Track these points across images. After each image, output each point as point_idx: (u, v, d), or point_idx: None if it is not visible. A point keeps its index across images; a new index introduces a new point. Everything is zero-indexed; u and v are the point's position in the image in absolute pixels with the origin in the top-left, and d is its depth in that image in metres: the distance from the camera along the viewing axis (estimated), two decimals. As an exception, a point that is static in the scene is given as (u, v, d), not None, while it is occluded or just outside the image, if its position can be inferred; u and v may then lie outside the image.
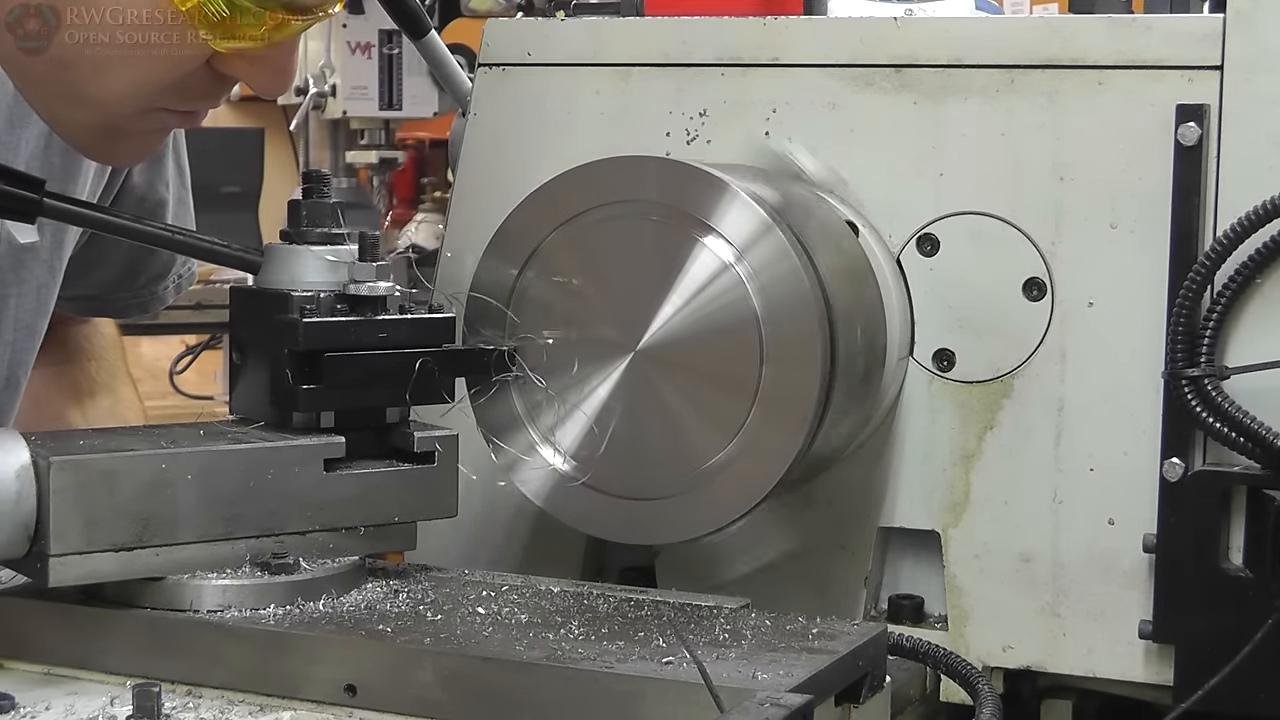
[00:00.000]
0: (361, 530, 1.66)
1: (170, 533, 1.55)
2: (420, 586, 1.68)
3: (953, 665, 1.71)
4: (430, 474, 1.69)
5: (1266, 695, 1.69)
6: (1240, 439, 1.70)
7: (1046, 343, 1.82)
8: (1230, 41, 1.74)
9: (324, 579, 1.61)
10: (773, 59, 1.91)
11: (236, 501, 1.59)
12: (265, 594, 1.57)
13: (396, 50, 4.83)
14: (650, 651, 1.48)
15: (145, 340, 5.11)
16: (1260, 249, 1.71)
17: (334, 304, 1.66)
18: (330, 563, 1.63)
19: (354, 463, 1.66)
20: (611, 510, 1.72)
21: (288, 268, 1.68)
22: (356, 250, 1.68)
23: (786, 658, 1.48)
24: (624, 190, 1.69)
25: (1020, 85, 1.82)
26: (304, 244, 1.69)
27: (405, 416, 1.71)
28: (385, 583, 1.68)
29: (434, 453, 1.69)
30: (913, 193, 1.86)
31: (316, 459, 1.63)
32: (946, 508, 1.86)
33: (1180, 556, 1.74)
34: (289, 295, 1.66)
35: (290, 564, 1.59)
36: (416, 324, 1.68)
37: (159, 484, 1.55)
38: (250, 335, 1.71)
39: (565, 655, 1.47)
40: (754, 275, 1.64)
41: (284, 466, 1.61)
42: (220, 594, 1.56)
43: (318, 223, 1.70)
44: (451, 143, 2.07)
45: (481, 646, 1.49)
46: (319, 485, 1.63)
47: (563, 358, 1.72)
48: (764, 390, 1.64)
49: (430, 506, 1.71)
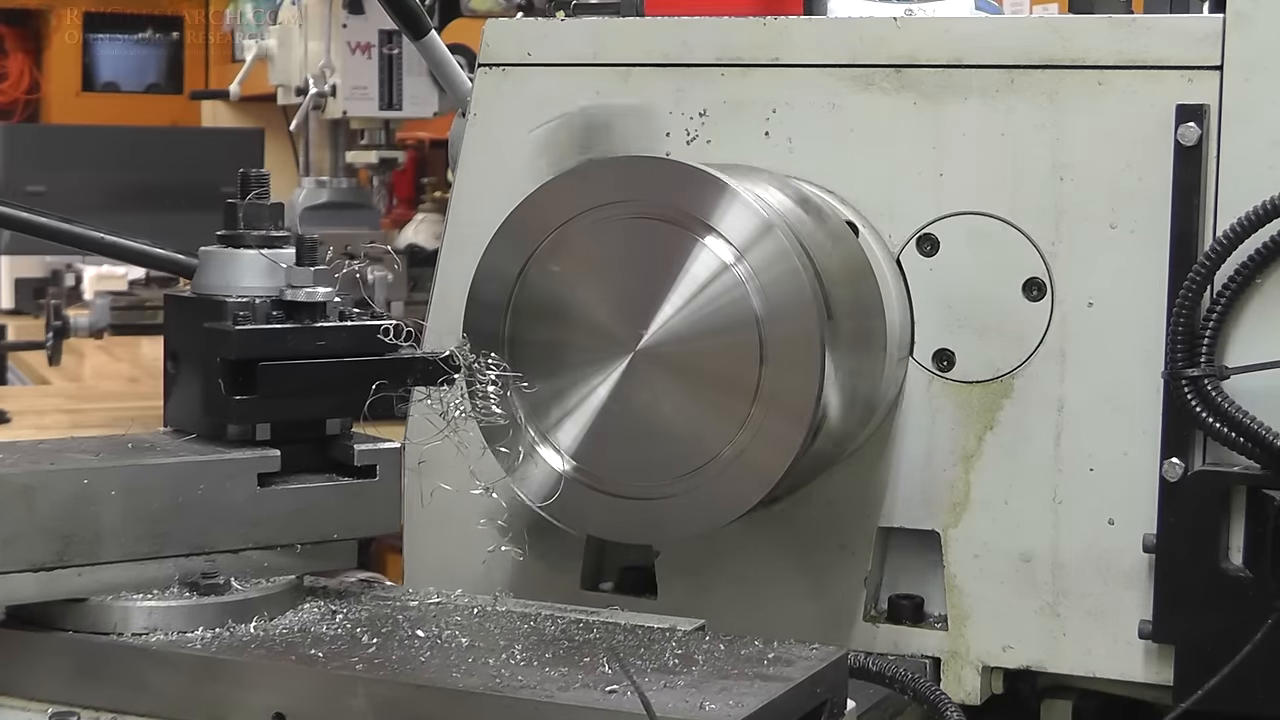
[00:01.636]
0: (298, 548, 1.60)
1: (93, 552, 1.49)
2: (359, 607, 1.61)
3: (920, 691, 1.67)
4: (371, 489, 1.63)
5: (1266, 695, 1.69)
6: (1240, 439, 1.70)
7: (1046, 343, 1.82)
8: (1230, 41, 1.74)
9: (257, 600, 1.55)
10: (773, 59, 1.91)
11: (164, 518, 1.53)
12: (194, 616, 1.51)
13: (396, 50, 4.82)
14: (595, 679, 1.42)
15: (145, 340, 5.13)
16: (1260, 249, 1.71)
17: (270, 311, 1.60)
18: (265, 582, 1.58)
19: (291, 477, 1.60)
20: (611, 510, 1.72)
21: (223, 273, 1.62)
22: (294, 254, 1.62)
23: (739, 685, 1.41)
24: (624, 190, 1.69)
25: (1020, 85, 1.82)
26: (241, 248, 1.62)
27: (347, 428, 1.65)
28: (323, 603, 1.62)
29: (375, 466, 1.62)
30: (913, 193, 1.86)
31: (250, 473, 1.57)
32: (946, 508, 1.86)
33: (1180, 556, 1.74)
34: (223, 301, 1.59)
35: (221, 584, 1.54)
36: (357, 331, 1.62)
37: (81, 500, 1.48)
38: (184, 343, 1.64)
39: (504, 683, 1.41)
40: (754, 275, 1.64)
41: (215, 481, 1.55)
42: (146, 616, 1.50)
43: (255, 225, 1.63)
44: (451, 143, 2.07)
45: (417, 673, 1.44)
46: (253, 501, 1.57)
47: (563, 357, 1.72)
48: (764, 390, 1.64)
49: (371, 522, 1.64)
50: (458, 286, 1.82)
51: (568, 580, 1.99)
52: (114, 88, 9.13)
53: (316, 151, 5.11)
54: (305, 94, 4.89)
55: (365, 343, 1.62)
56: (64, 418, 4.24)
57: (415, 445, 2.03)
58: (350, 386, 1.60)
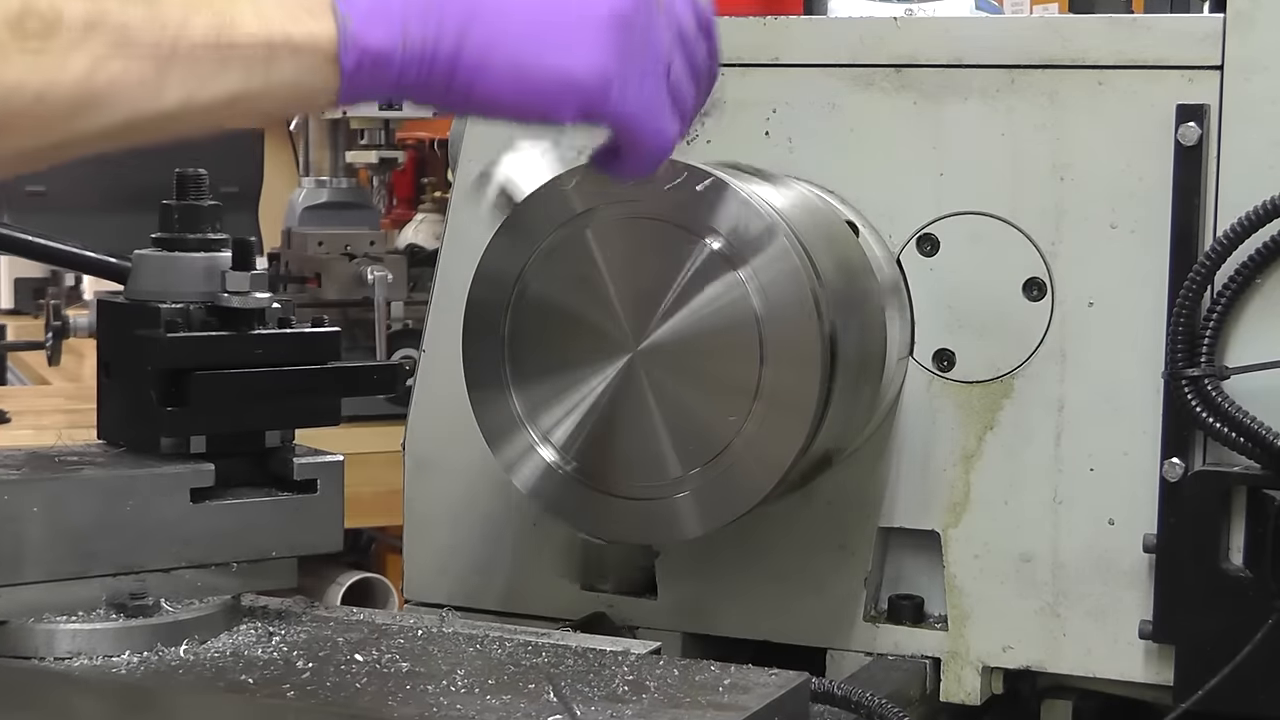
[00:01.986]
0: (234, 567, 1.52)
1: (14, 571, 1.42)
2: (298, 629, 1.54)
3: (886, 718, 1.63)
4: (312, 504, 1.55)
5: (1266, 695, 1.69)
6: (1240, 439, 1.70)
7: (1046, 343, 1.82)
8: (1230, 41, 1.74)
9: (188, 621, 1.47)
10: (773, 59, 1.90)
11: (91, 536, 1.45)
12: (121, 639, 1.43)
13: (397, 50, 4.83)
14: (538, 708, 1.34)
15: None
16: (1260, 249, 1.71)
17: (205, 317, 1.53)
18: (198, 603, 1.50)
19: (226, 492, 1.53)
20: (612, 510, 1.71)
21: (157, 277, 1.55)
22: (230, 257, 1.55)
23: (690, 715, 1.34)
24: (624, 190, 1.69)
25: (1020, 85, 1.82)
26: (176, 251, 1.56)
27: (287, 441, 1.58)
28: (260, 624, 1.54)
29: (315, 481, 1.56)
30: (913, 193, 1.86)
31: (182, 488, 1.50)
32: (946, 508, 1.86)
33: (1180, 556, 1.74)
34: (156, 307, 1.52)
35: (150, 606, 1.46)
36: (297, 339, 1.55)
37: (1, 517, 1.42)
38: (116, 351, 1.57)
39: (440, 712, 1.32)
40: (754, 275, 1.64)
41: (144, 497, 1.47)
42: (70, 639, 1.42)
43: (192, 227, 1.57)
44: (451, 143, 2.07)
45: (350, 701, 1.36)
46: (185, 517, 1.49)
47: (563, 357, 1.72)
48: (764, 390, 1.64)
49: (311, 540, 1.56)
50: (458, 286, 1.82)
51: (567, 580, 1.99)
52: (114, 88, 9.12)
53: (316, 151, 5.10)
54: (305, 94, 4.89)
55: (305, 351, 1.55)
56: (63, 418, 4.23)
57: (415, 445, 2.03)
58: (289, 397, 1.54)
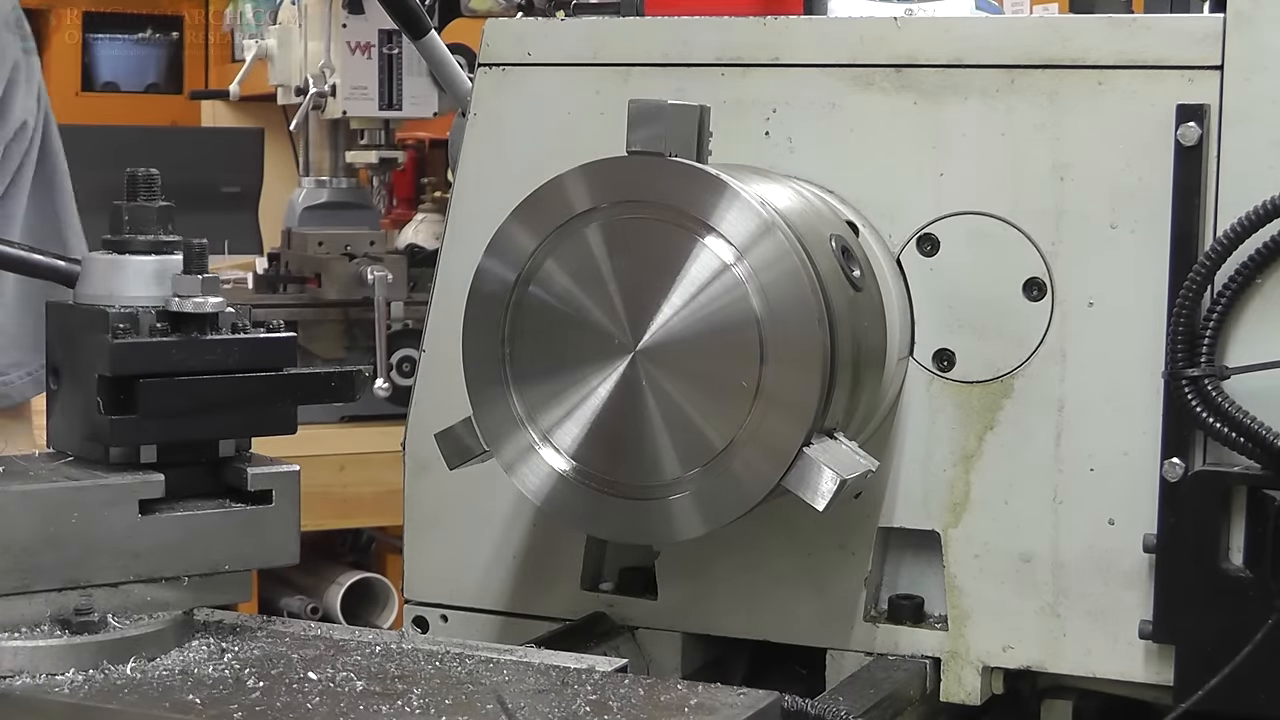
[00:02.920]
0: (185, 580, 1.47)
1: None
2: (252, 645, 1.49)
3: None
4: (266, 515, 1.50)
5: (1266, 695, 1.69)
6: (1240, 439, 1.70)
7: (1046, 343, 1.82)
8: (1230, 41, 1.74)
9: (136, 638, 1.42)
10: (773, 59, 1.91)
11: (34, 549, 1.39)
12: (65, 657, 1.38)
13: (396, 50, 4.82)
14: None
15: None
16: (1260, 249, 1.71)
17: (155, 322, 1.48)
18: (147, 619, 1.44)
19: (177, 503, 1.47)
20: (612, 510, 1.71)
21: (107, 281, 1.50)
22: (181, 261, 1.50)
23: None
24: (625, 190, 1.69)
25: (1020, 85, 1.82)
26: (126, 254, 1.51)
27: (243, 450, 1.53)
28: (213, 640, 1.49)
29: (270, 492, 1.50)
30: (913, 193, 1.86)
31: (130, 499, 1.44)
32: (946, 508, 1.86)
33: (1180, 556, 1.74)
34: (105, 312, 1.47)
35: (96, 622, 1.40)
36: (250, 345, 1.49)
37: None
38: (64, 357, 1.51)
39: None
40: (754, 275, 1.64)
41: (90, 509, 1.42)
42: (12, 657, 1.37)
43: (143, 229, 1.51)
44: (451, 143, 2.08)
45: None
46: (133, 530, 1.44)
47: (563, 357, 1.72)
48: (764, 390, 1.64)
49: (265, 553, 1.51)
50: (458, 286, 1.82)
51: (567, 580, 1.99)
52: (114, 88, 9.11)
53: (316, 151, 5.11)
54: (305, 94, 4.89)
55: (259, 357, 1.50)
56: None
57: (415, 445, 2.03)
58: (242, 404, 1.50)
